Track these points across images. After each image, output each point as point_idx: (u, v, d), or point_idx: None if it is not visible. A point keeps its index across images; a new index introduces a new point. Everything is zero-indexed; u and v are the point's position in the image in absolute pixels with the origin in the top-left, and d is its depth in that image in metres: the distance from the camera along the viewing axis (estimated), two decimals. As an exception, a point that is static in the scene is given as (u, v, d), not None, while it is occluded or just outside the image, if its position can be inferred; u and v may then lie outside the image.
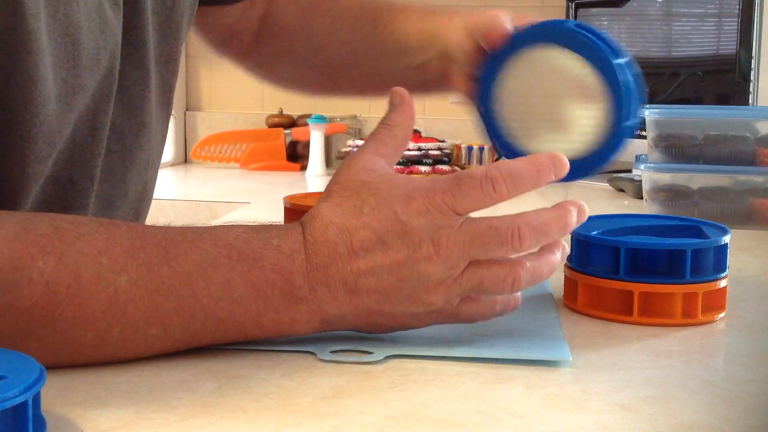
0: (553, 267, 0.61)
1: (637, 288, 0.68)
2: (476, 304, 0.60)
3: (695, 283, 0.68)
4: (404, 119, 0.64)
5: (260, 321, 0.57)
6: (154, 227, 0.58)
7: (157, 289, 0.55)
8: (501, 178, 0.58)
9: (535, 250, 0.60)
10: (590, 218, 0.65)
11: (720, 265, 0.71)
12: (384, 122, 0.64)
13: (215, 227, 0.59)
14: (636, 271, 0.69)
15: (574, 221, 0.60)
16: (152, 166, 0.82)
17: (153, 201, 0.86)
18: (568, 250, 0.63)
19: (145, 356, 0.56)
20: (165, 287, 0.55)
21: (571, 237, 0.73)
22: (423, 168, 1.82)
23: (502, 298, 0.61)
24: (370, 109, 2.13)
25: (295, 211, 0.85)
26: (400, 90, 0.64)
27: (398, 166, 1.80)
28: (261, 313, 0.57)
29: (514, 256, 0.59)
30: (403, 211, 0.57)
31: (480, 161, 1.92)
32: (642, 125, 1.36)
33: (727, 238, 0.71)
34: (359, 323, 0.59)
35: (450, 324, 0.61)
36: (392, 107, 0.64)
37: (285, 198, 0.89)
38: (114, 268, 0.54)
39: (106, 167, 0.73)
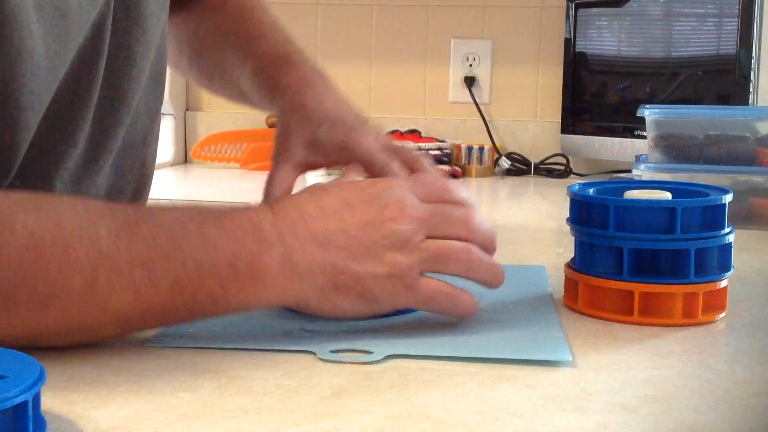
0: (497, 269, 0.65)
1: (638, 288, 0.68)
2: (436, 284, 0.63)
3: (696, 283, 0.68)
4: None
5: (235, 264, 0.58)
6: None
7: (135, 236, 0.57)
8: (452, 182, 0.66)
9: None
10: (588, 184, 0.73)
11: (724, 264, 0.70)
12: None
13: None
14: (639, 271, 0.69)
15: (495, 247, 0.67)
16: (149, 142, 0.83)
17: (153, 201, 0.86)
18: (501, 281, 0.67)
19: (133, 304, 0.56)
20: (144, 236, 0.57)
21: (574, 238, 0.73)
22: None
23: (463, 294, 0.64)
24: (370, 109, 2.13)
25: None
26: None
27: (398, 166, 1.80)
28: (235, 255, 0.59)
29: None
30: (368, 186, 0.64)
31: (480, 161, 1.92)
32: (642, 125, 1.36)
33: (731, 237, 0.70)
34: (325, 281, 0.60)
35: (419, 312, 0.64)
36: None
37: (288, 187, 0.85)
38: (93, 221, 0.57)
39: (94, 136, 0.73)
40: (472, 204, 0.67)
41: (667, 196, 0.71)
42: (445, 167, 1.85)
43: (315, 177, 2.01)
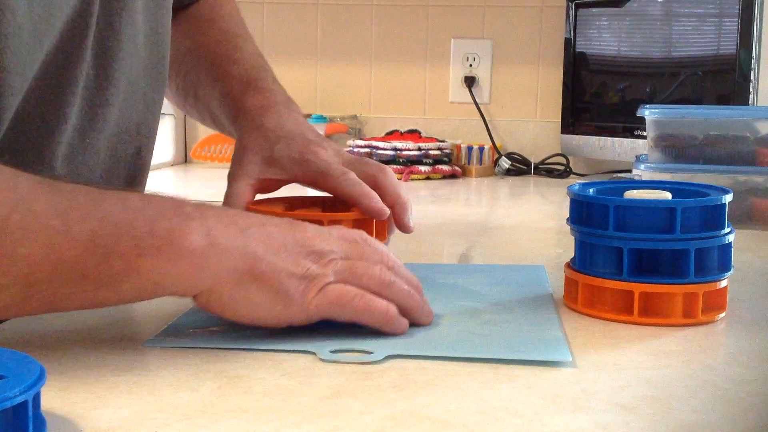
0: (417, 297, 0.65)
1: (638, 288, 0.68)
2: (344, 287, 0.61)
3: (696, 283, 0.68)
4: None
5: (154, 228, 0.57)
6: None
7: (56, 189, 0.57)
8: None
9: None
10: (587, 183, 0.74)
11: (724, 264, 0.70)
12: None
13: None
14: (639, 271, 0.69)
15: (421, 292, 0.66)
16: (144, 132, 0.83)
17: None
18: (432, 313, 0.66)
19: (44, 256, 0.54)
20: (64, 191, 0.57)
21: (574, 238, 0.73)
22: (423, 168, 1.82)
23: (379, 302, 0.62)
24: (370, 109, 2.13)
25: None
26: None
27: (399, 166, 1.80)
28: (154, 219, 0.57)
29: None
30: (292, 219, 0.64)
31: (480, 161, 1.92)
32: (642, 125, 1.36)
33: (731, 237, 0.70)
34: (243, 265, 0.59)
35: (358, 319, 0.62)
36: None
37: (248, 204, 0.81)
38: (15, 173, 0.56)
39: (83, 113, 0.74)
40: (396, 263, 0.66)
41: (667, 196, 0.71)
42: (445, 167, 1.85)
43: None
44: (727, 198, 0.70)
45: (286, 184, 0.83)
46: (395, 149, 1.83)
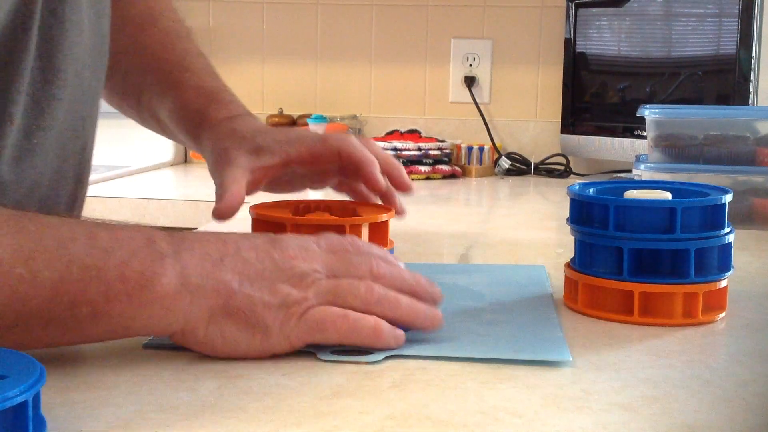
0: (413, 307, 0.61)
1: (638, 288, 0.68)
2: (331, 310, 0.58)
3: (696, 283, 0.68)
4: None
5: (124, 272, 0.54)
6: None
7: (21, 230, 0.53)
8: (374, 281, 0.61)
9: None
10: (588, 184, 0.74)
11: (724, 264, 0.70)
12: None
13: None
14: (639, 270, 0.69)
15: (434, 293, 0.63)
16: (89, 126, 0.80)
17: (153, 201, 0.86)
18: (439, 316, 0.62)
19: (8, 304, 0.52)
20: (30, 233, 0.54)
21: (574, 238, 0.73)
22: (423, 168, 1.82)
23: (365, 319, 0.59)
24: (370, 109, 2.13)
25: (262, 222, 0.79)
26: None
27: (398, 166, 1.80)
28: (125, 262, 0.55)
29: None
30: (272, 234, 0.62)
31: (480, 161, 1.92)
32: (642, 125, 1.36)
33: (731, 237, 0.70)
34: (217, 302, 0.57)
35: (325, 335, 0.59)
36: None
37: (251, 208, 0.81)
38: None
39: (29, 111, 0.71)
40: (383, 254, 0.64)
41: (667, 196, 0.71)
42: (445, 167, 1.85)
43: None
44: (727, 198, 0.70)
45: (278, 171, 0.82)
46: (395, 149, 1.83)
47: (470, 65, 2.08)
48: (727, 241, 0.70)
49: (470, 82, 2.08)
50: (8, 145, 0.69)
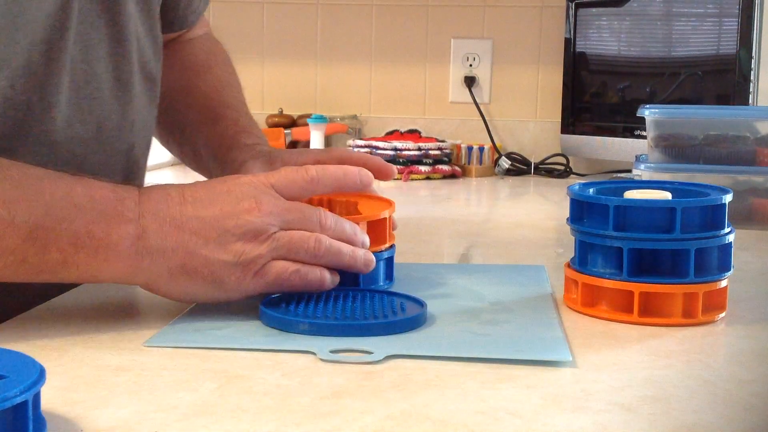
0: (353, 254, 0.68)
1: (638, 288, 0.68)
2: (283, 265, 0.65)
3: (696, 283, 0.68)
4: (326, 176, 0.70)
5: (93, 229, 0.61)
6: None
7: (5, 178, 0.60)
8: (312, 167, 0.69)
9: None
10: (588, 183, 0.75)
11: (724, 264, 0.70)
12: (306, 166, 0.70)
13: None
14: (639, 270, 0.69)
15: (364, 240, 0.70)
16: (137, 130, 0.85)
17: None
18: (372, 259, 0.70)
19: None
20: (13, 180, 0.60)
21: (574, 238, 0.73)
22: (423, 168, 1.82)
23: (312, 270, 0.66)
24: (370, 109, 2.13)
25: None
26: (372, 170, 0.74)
27: (399, 166, 1.80)
28: (94, 221, 0.62)
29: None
30: (231, 181, 0.67)
31: (480, 161, 1.92)
32: (642, 125, 1.36)
33: (731, 237, 0.70)
34: (175, 263, 0.63)
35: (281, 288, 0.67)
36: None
37: None
38: None
39: (71, 103, 0.76)
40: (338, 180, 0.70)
41: (667, 196, 0.71)
42: (445, 167, 1.85)
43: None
44: (727, 198, 0.70)
45: None
46: (395, 149, 1.83)
47: (470, 65, 2.08)
48: (727, 241, 0.70)
49: (470, 82, 2.08)
50: (50, 130, 0.74)
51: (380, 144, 1.86)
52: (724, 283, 0.70)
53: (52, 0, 0.72)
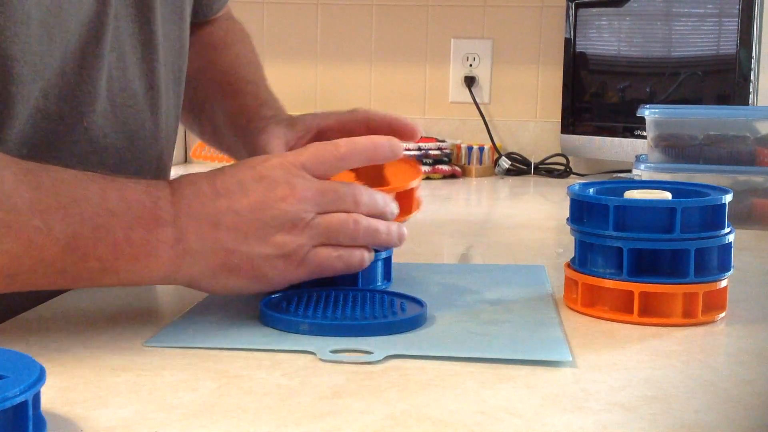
0: (388, 231, 0.68)
1: (638, 288, 0.68)
2: (325, 252, 0.65)
3: (696, 283, 0.68)
4: (356, 149, 0.68)
5: (131, 235, 0.60)
6: None
7: (38, 185, 0.58)
8: (342, 143, 0.67)
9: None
10: (588, 183, 0.75)
11: (724, 264, 0.70)
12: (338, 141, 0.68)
13: None
14: (639, 270, 0.69)
15: (393, 210, 0.69)
16: (166, 137, 0.86)
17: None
18: (404, 233, 0.70)
19: (25, 252, 0.57)
20: (46, 187, 0.58)
21: (574, 238, 0.73)
22: (423, 168, 1.82)
23: (354, 253, 0.66)
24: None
25: None
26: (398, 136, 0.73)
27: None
28: (132, 227, 0.60)
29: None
30: (260, 165, 0.65)
31: (480, 161, 1.92)
32: (642, 125, 1.36)
33: (731, 237, 0.70)
34: (216, 263, 0.62)
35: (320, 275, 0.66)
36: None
37: None
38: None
39: (106, 113, 0.76)
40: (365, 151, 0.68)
41: (667, 196, 0.71)
42: (445, 167, 1.85)
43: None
44: (727, 198, 0.70)
45: (312, 140, 0.84)
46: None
47: (470, 65, 2.08)
48: (727, 241, 0.70)
49: (470, 82, 2.08)
50: (81, 140, 0.74)
51: (380, 144, 1.86)
52: (724, 283, 0.70)
53: (88, 8, 0.72)
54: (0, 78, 0.66)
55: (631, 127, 1.81)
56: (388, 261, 0.77)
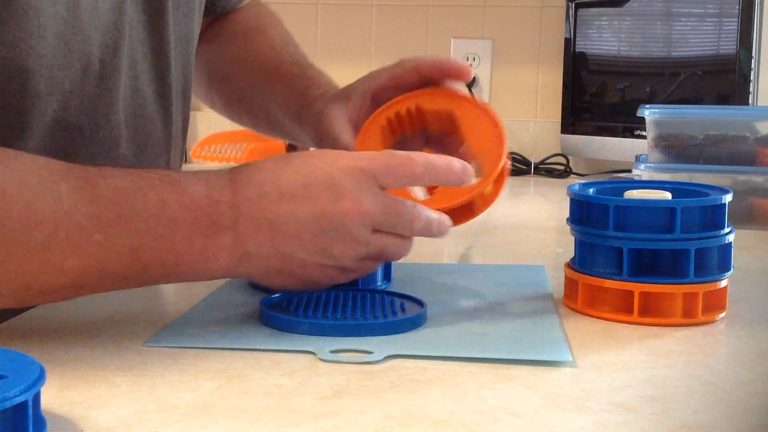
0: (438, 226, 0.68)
1: (638, 288, 0.68)
2: (370, 266, 0.67)
3: (696, 282, 0.68)
4: (432, 172, 0.67)
5: (191, 243, 0.61)
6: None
7: (97, 197, 0.58)
8: (419, 161, 0.65)
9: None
10: (588, 183, 0.75)
11: (724, 264, 0.70)
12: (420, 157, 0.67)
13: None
14: (639, 270, 0.69)
15: (443, 233, 0.68)
16: (175, 144, 0.86)
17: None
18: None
19: (89, 266, 0.58)
20: (104, 198, 0.58)
21: (574, 238, 0.73)
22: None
23: (400, 252, 0.67)
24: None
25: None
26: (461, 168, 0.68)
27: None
28: (192, 235, 0.61)
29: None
30: (330, 167, 0.63)
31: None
32: (642, 125, 1.36)
33: (731, 237, 0.70)
34: (272, 266, 0.63)
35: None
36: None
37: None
38: (54, 178, 0.58)
39: (120, 123, 0.76)
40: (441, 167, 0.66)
41: (667, 196, 0.71)
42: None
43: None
44: (727, 198, 0.70)
45: (371, 106, 0.83)
46: (395, 149, 1.83)
47: (470, 65, 2.08)
48: (727, 241, 0.70)
49: (470, 82, 2.07)
50: (99, 153, 0.74)
51: (380, 144, 1.86)
52: (724, 283, 0.70)
53: (106, 18, 0.72)
54: (16, 91, 0.66)
55: (631, 127, 1.81)
56: (388, 261, 0.77)
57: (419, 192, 0.75)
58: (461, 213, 0.74)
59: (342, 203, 0.62)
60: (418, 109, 0.80)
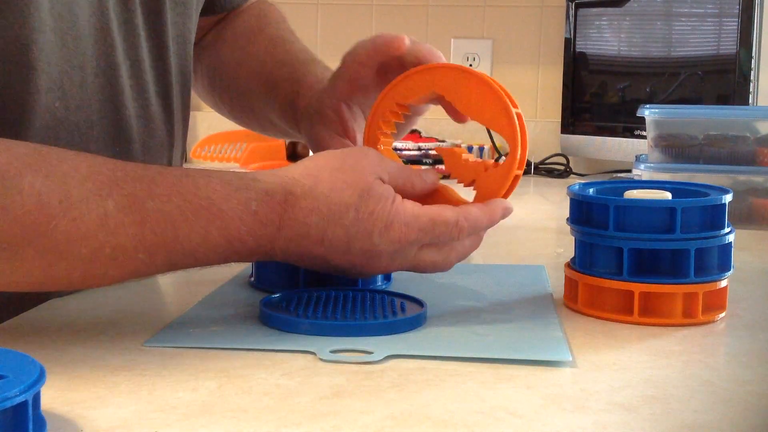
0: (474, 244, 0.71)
1: (638, 288, 0.68)
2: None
3: (696, 282, 0.68)
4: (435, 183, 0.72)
5: (227, 260, 0.64)
6: (132, 162, 0.62)
7: (143, 220, 0.59)
8: (466, 228, 0.67)
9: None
10: (588, 183, 0.76)
11: (724, 264, 0.70)
12: (426, 173, 0.71)
13: (193, 171, 0.63)
14: (639, 270, 0.69)
15: (498, 218, 0.70)
16: (176, 144, 0.86)
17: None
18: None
19: (128, 276, 0.62)
20: (151, 221, 0.59)
21: (574, 238, 0.73)
22: (423, 168, 1.82)
23: (456, 257, 0.70)
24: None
25: None
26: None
27: (398, 166, 1.80)
28: (229, 258, 0.64)
29: None
30: (378, 234, 0.64)
31: (480, 161, 1.91)
32: (642, 125, 1.36)
33: (731, 237, 0.70)
34: (315, 266, 0.67)
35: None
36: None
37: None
38: (100, 194, 0.58)
39: (118, 121, 0.76)
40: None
41: (667, 196, 0.71)
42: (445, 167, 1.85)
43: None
44: (727, 198, 0.70)
45: (355, 89, 0.84)
46: (395, 149, 1.83)
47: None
48: (727, 241, 0.70)
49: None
50: (97, 151, 0.73)
51: (380, 144, 1.86)
52: (724, 283, 0.70)
53: (91, 9, 0.72)
54: (18, 86, 0.67)
55: (631, 127, 1.81)
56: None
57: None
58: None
59: (379, 261, 0.65)
60: (400, 105, 0.81)
